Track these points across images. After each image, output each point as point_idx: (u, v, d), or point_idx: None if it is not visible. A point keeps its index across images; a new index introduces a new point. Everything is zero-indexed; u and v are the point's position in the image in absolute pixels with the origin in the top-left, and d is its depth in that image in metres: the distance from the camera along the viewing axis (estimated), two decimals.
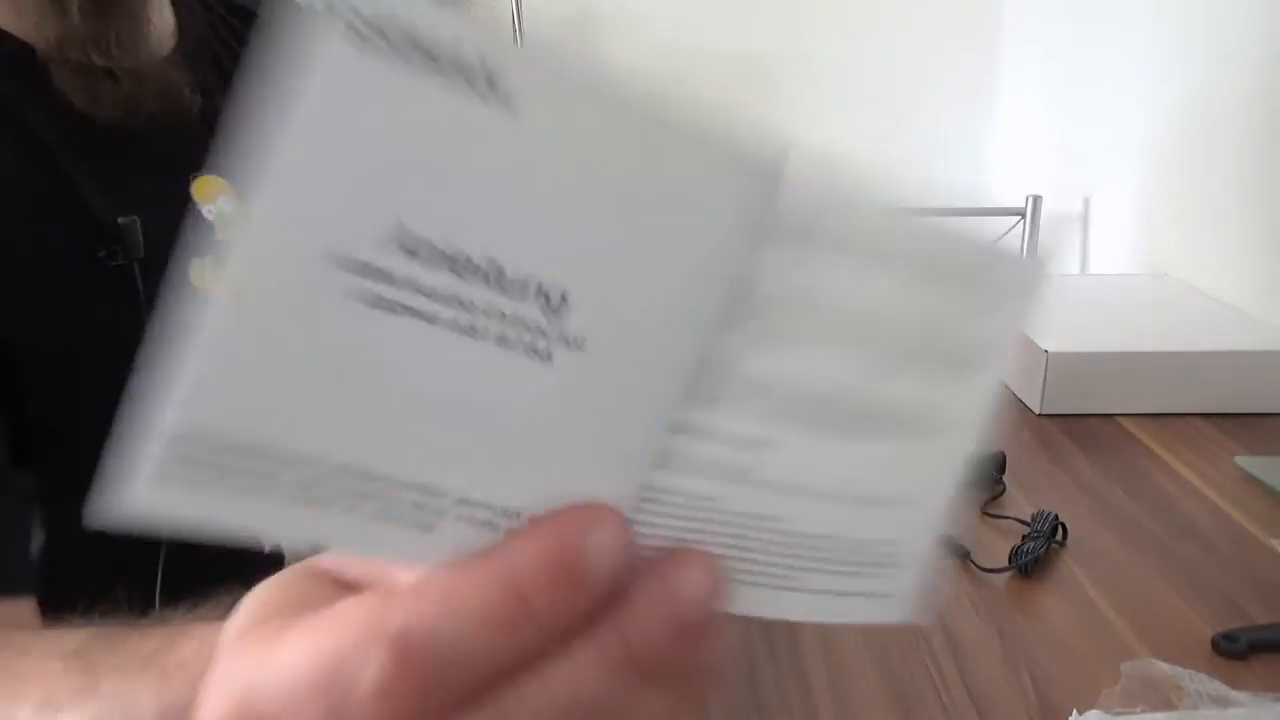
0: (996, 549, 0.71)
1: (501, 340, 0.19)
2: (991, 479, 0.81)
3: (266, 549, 0.53)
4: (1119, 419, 0.95)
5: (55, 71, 0.58)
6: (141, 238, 0.57)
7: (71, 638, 0.46)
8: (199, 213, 0.62)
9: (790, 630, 0.62)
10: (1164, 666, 0.56)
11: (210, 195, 0.64)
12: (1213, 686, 0.54)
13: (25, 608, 0.50)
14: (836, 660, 0.59)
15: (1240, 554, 0.71)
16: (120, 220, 0.57)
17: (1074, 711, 0.53)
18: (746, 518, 0.23)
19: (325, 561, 0.23)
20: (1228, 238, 1.21)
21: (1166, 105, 1.38)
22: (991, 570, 0.69)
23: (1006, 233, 1.80)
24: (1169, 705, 0.54)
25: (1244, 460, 0.86)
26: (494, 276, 0.19)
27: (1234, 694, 0.54)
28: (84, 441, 0.55)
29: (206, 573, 0.47)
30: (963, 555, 0.70)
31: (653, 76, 0.22)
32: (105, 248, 0.57)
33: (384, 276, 0.18)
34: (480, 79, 0.17)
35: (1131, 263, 1.49)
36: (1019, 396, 1.01)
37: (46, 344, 0.54)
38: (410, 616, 0.19)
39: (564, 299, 0.19)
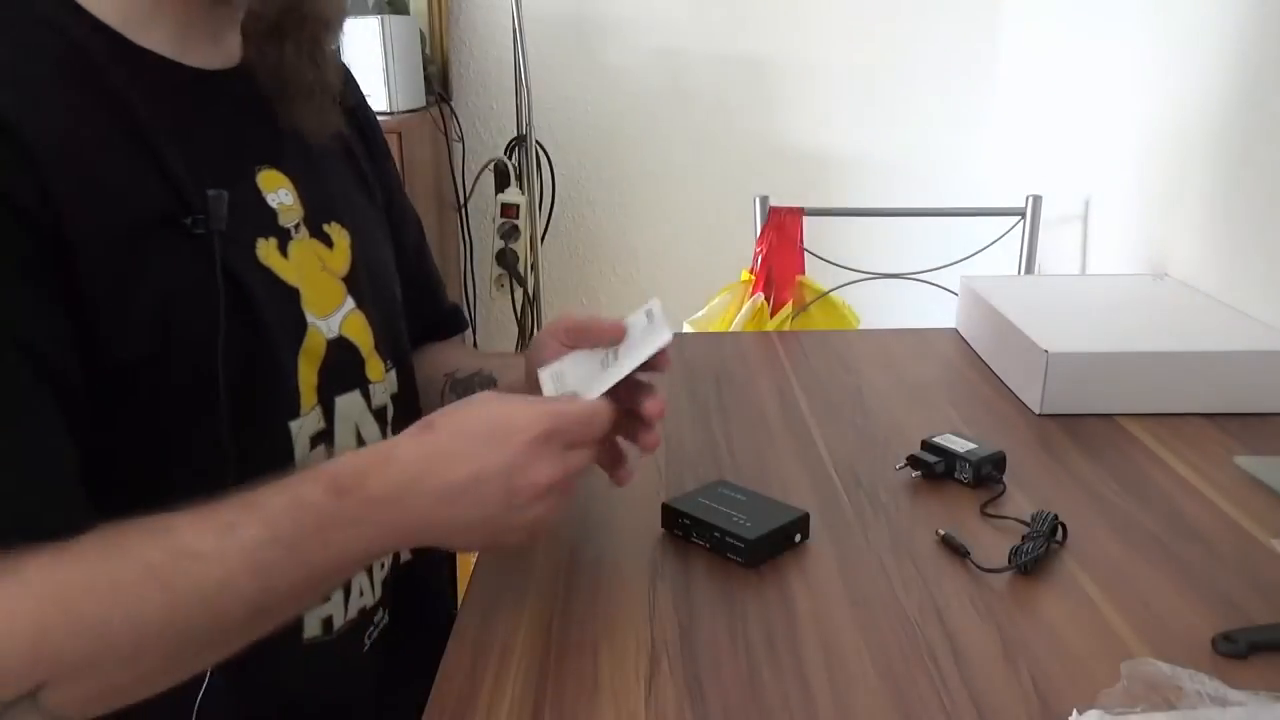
0: (996, 549, 0.71)
1: None
2: (991, 479, 0.81)
3: None
4: (1119, 419, 0.95)
5: (281, 110, 0.70)
6: (225, 211, 0.62)
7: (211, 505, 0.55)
8: (264, 200, 0.68)
9: (790, 630, 0.63)
10: (1164, 666, 0.56)
11: (273, 186, 0.69)
12: (1212, 686, 0.54)
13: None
14: (836, 660, 0.60)
15: (1240, 554, 0.71)
16: (210, 192, 0.61)
17: (1074, 711, 0.53)
18: None
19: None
20: (1228, 238, 1.21)
21: (1166, 105, 1.39)
22: (991, 570, 0.69)
23: (1006, 233, 1.80)
24: (1169, 705, 0.54)
25: (1244, 460, 0.86)
26: None
27: (1234, 694, 0.54)
28: (163, 400, 0.59)
29: None
30: (963, 555, 0.70)
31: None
32: (190, 216, 0.60)
33: None
34: None
35: (1131, 263, 1.49)
36: (1019, 396, 1.01)
37: (133, 304, 0.57)
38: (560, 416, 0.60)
39: None
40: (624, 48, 2.25)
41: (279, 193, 0.69)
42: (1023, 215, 1.78)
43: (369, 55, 1.90)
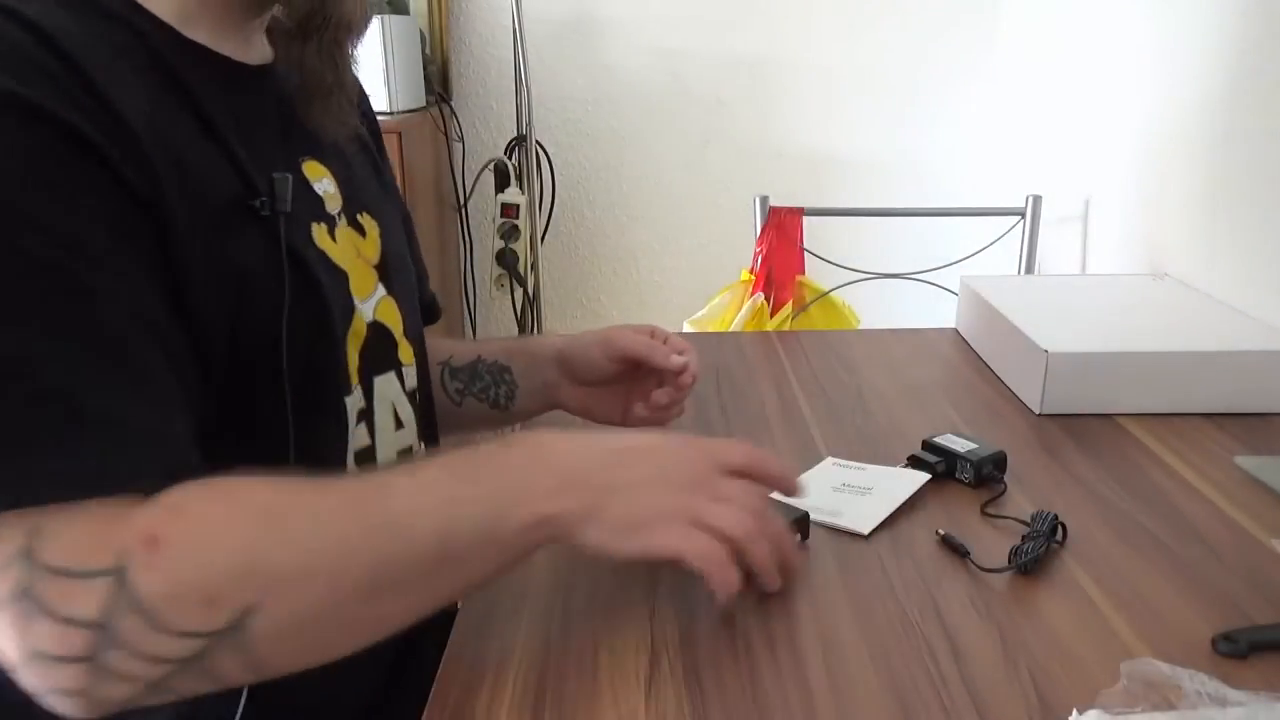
0: (996, 549, 0.71)
1: None
2: (992, 479, 0.81)
3: None
4: (1119, 419, 0.95)
5: (302, 109, 0.71)
6: (289, 194, 0.65)
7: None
8: (311, 188, 0.71)
9: (790, 630, 0.63)
10: (1163, 666, 0.56)
11: (317, 176, 0.72)
12: (1212, 686, 0.54)
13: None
14: (836, 660, 0.60)
15: (1240, 554, 0.71)
16: (275, 175, 0.64)
17: (1074, 711, 0.53)
18: None
19: None
20: (1228, 238, 1.21)
21: (1166, 105, 1.39)
22: (991, 570, 0.69)
23: (1006, 233, 1.80)
24: (1168, 705, 0.54)
25: (1244, 460, 0.86)
26: None
27: (1233, 694, 0.54)
28: (232, 375, 0.61)
29: None
30: (963, 555, 0.70)
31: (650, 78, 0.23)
32: (258, 199, 0.63)
33: None
34: None
35: (1131, 263, 1.49)
36: (1019, 396, 1.01)
37: (212, 281, 0.59)
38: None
39: None
40: (624, 48, 2.25)
41: (322, 182, 0.72)
42: (1023, 215, 1.78)
43: (369, 55, 1.90)
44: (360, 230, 0.75)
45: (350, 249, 0.73)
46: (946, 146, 2.27)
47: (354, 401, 0.71)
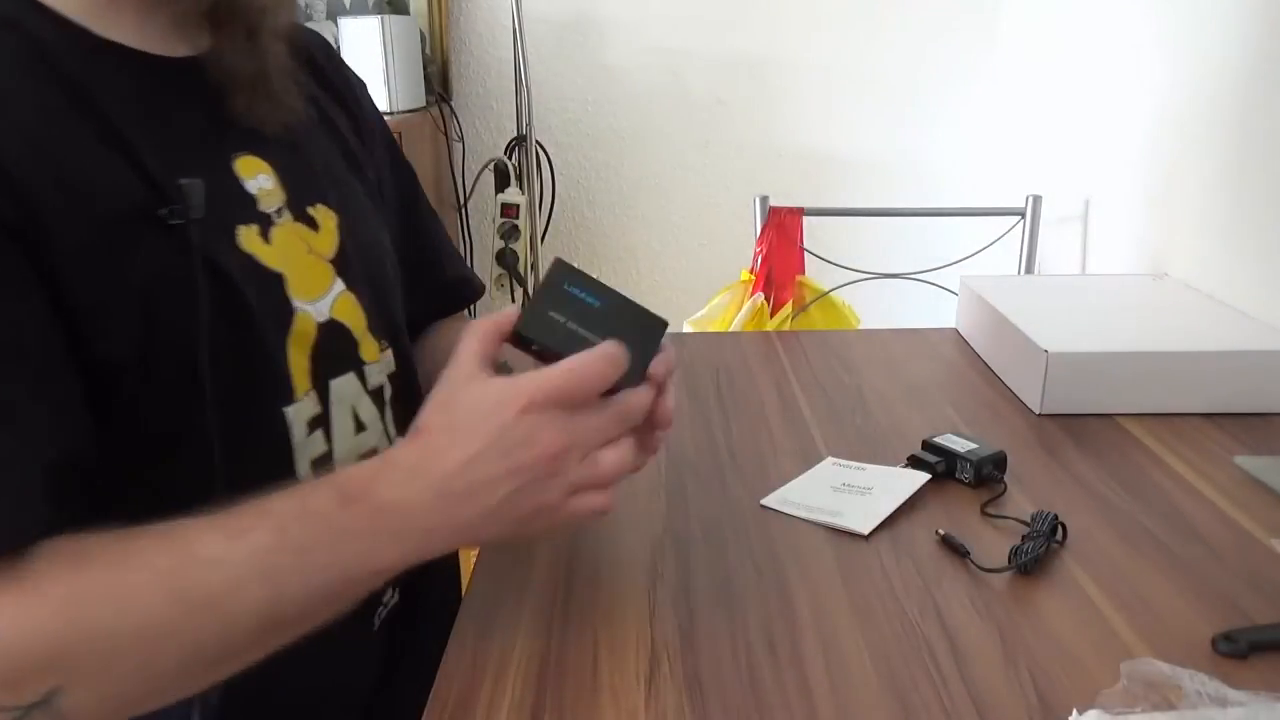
0: (996, 549, 0.71)
1: None
2: (992, 479, 0.81)
3: None
4: (1119, 419, 0.95)
5: (232, 100, 0.67)
6: (203, 200, 0.61)
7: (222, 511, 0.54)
8: (242, 187, 0.67)
9: (790, 630, 0.63)
10: (1163, 666, 0.56)
11: (252, 172, 0.68)
12: (1212, 686, 0.54)
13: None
14: (836, 660, 0.60)
15: (1240, 554, 0.71)
16: (182, 181, 0.60)
17: (1074, 711, 0.53)
18: None
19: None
20: (1228, 238, 1.21)
21: (1166, 106, 1.39)
22: (991, 570, 0.69)
23: (1006, 233, 1.80)
24: (1169, 705, 0.54)
25: (1244, 460, 0.86)
26: None
27: (1234, 694, 0.54)
28: (149, 393, 0.59)
29: None
30: (963, 555, 0.70)
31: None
32: (166, 207, 0.60)
33: None
34: None
35: (1131, 263, 1.49)
36: (1019, 396, 1.01)
37: (114, 301, 0.57)
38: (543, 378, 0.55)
39: None
40: (624, 48, 2.25)
41: (258, 178, 0.68)
42: (1023, 215, 1.78)
43: (369, 55, 1.90)
44: (311, 224, 0.71)
45: (293, 247, 0.69)
46: (946, 146, 2.27)
47: (303, 410, 0.67)
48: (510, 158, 2.27)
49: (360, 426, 0.73)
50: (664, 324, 0.61)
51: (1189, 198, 1.31)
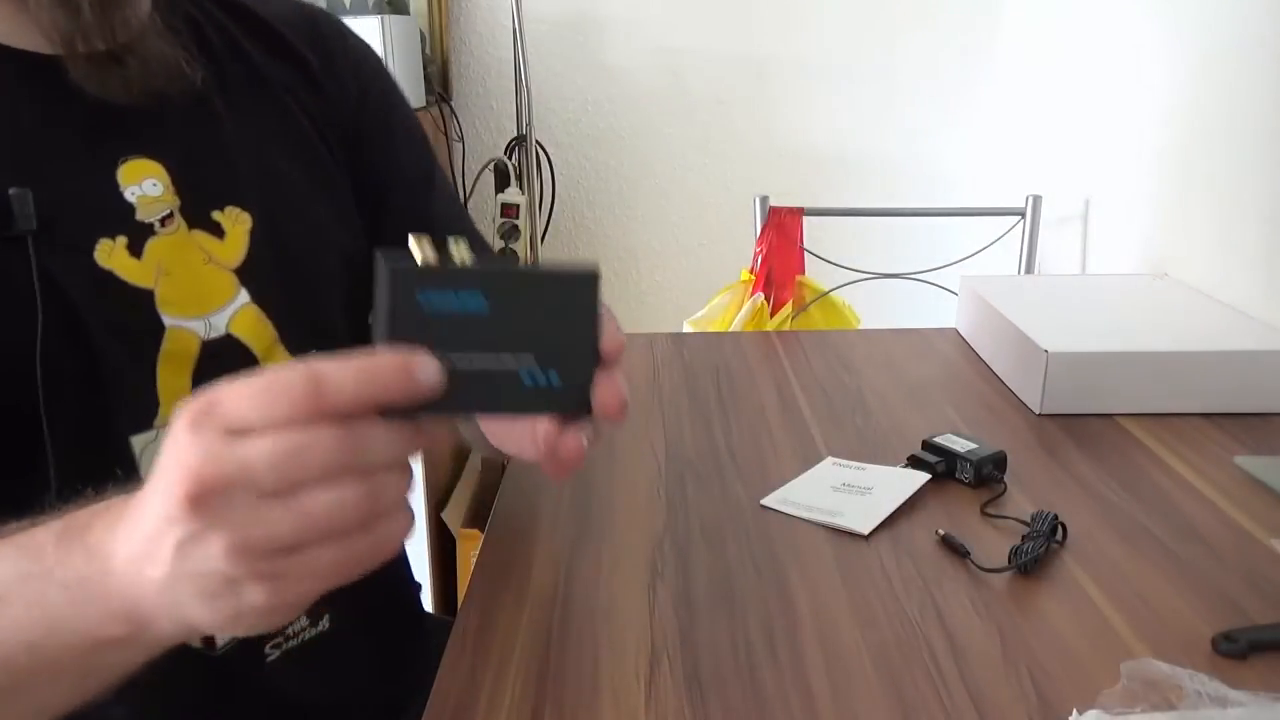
0: (996, 549, 0.71)
1: None
2: (992, 479, 0.81)
3: None
4: (1119, 419, 0.95)
5: (70, 66, 0.60)
6: (34, 210, 0.57)
7: None
8: (119, 195, 0.62)
9: (790, 630, 0.63)
10: (1164, 666, 0.56)
11: (137, 178, 0.63)
12: (1212, 686, 0.54)
13: None
14: (836, 660, 0.60)
15: (1240, 554, 0.71)
16: (11, 191, 0.56)
17: (1074, 711, 0.53)
18: None
19: None
20: (1228, 238, 1.21)
21: (1166, 105, 1.38)
22: (991, 570, 0.69)
23: (1006, 233, 1.80)
24: (1169, 705, 0.54)
25: (1244, 460, 0.86)
26: None
27: (1234, 694, 0.54)
28: None
29: None
30: (963, 555, 0.70)
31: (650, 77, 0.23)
32: None
33: None
34: None
35: (1131, 263, 1.49)
36: (1019, 396, 1.01)
37: None
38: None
39: None
40: (624, 48, 2.25)
41: (144, 184, 0.63)
42: (1023, 215, 1.78)
43: None
44: (215, 230, 0.66)
45: (180, 258, 0.64)
46: (947, 146, 2.27)
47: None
48: (510, 158, 2.27)
49: None
50: (592, 277, 0.41)
51: (1189, 198, 1.31)
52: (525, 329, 0.40)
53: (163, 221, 0.64)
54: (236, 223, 0.67)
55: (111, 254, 0.61)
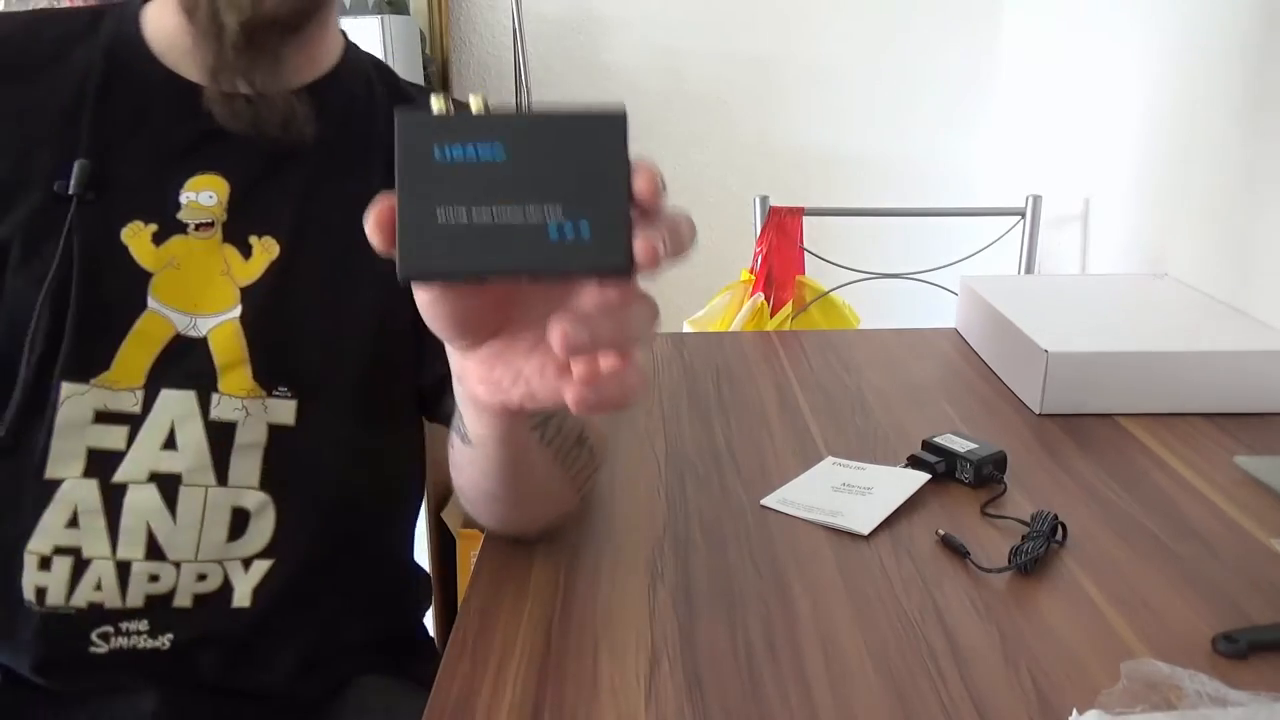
0: (996, 549, 0.71)
1: None
2: (992, 479, 0.81)
3: None
4: (1119, 419, 0.95)
5: (207, 93, 0.72)
6: (89, 180, 0.70)
7: None
8: (176, 195, 0.72)
9: (790, 630, 0.63)
10: (1164, 666, 0.56)
11: (200, 187, 0.72)
12: (1212, 686, 0.54)
13: None
14: (836, 660, 0.60)
15: (1240, 554, 0.71)
16: (78, 161, 0.69)
17: (1074, 711, 0.53)
18: None
19: None
20: (1228, 238, 1.21)
21: (1166, 105, 1.38)
22: (991, 570, 0.69)
23: (1006, 233, 1.80)
24: (1169, 705, 0.54)
25: (1244, 460, 0.86)
26: None
27: (1234, 694, 0.54)
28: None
29: None
30: (963, 555, 0.70)
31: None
32: (59, 181, 0.70)
33: None
34: None
35: (1131, 263, 1.49)
36: (1019, 396, 1.01)
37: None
38: None
39: None
40: (624, 48, 2.25)
41: (202, 194, 0.72)
42: (1023, 215, 1.78)
43: None
44: (244, 249, 0.72)
45: (200, 261, 0.71)
46: (946, 146, 2.27)
47: (101, 397, 0.69)
48: None
49: (171, 444, 0.71)
50: (620, 117, 0.41)
51: (1189, 198, 1.31)
52: (550, 177, 0.38)
53: (199, 227, 0.72)
54: (265, 249, 0.73)
55: (136, 235, 0.70)
